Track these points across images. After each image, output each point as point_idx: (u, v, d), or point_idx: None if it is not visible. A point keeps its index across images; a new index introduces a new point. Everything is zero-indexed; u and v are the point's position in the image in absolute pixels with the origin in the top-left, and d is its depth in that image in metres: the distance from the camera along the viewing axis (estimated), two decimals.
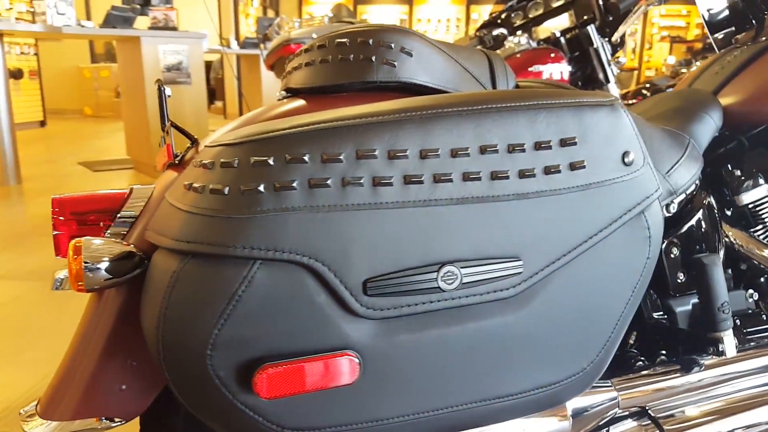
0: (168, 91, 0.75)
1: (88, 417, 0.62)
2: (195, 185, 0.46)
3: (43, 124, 7.67)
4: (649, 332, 0.81)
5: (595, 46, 2.51)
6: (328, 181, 0.45)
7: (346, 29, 0.75)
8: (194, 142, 0.72)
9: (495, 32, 2.80)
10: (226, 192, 0.44)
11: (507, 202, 0.49)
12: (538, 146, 0.50)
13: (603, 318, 0.55)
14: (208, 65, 11.79)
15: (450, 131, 0.48)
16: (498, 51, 2.75)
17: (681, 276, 0.79)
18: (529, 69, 2.44)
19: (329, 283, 0.46)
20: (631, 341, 0.83)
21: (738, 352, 0.75)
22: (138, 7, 4.05)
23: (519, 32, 2.75)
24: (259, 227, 0.44)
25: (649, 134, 0.77)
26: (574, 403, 0.64)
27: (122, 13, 3.91)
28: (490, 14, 2.83)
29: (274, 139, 0.45)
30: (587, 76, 2.54)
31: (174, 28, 4.20)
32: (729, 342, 0.73)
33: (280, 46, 3.32)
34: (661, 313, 0.81)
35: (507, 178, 0.49)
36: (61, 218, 0.64)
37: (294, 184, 0.44)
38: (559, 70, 2.46)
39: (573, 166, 0.51)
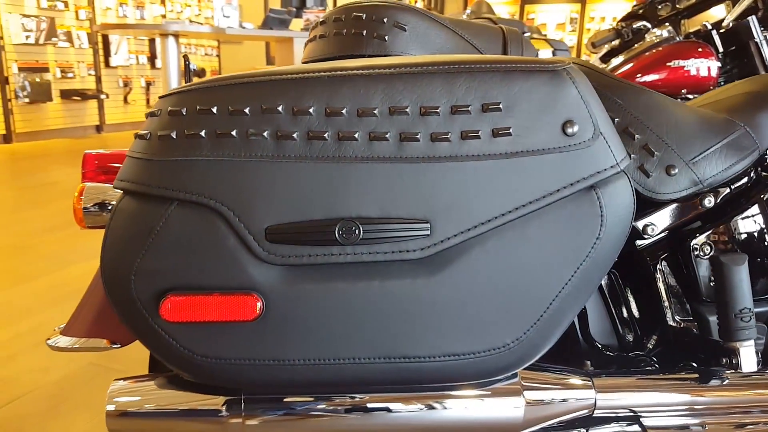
0: (193, 65, 0.84)
1: (96, 337, 0.72)
2: (139, 133, 0.52)
3: None
4: (672, 339, 0.72)
5: (756, 39, 2.22)
6: (233, 132, 0.48)
7: (347, 5, 0.78)
8: None
9: (636, 25, 2.59)
10: (148, 138, 0.50)
11: (417, 164, 0.49)
12: (455, 110, 0.48)
13: (532, 295, 0.51)
14: None
15: (357, 91, 0.48)
16: (636, 45, 2.54)
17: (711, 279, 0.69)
18: (669, 64, 2.22)
19: (234, 227, 0.49)
20: (650, 345, 0.74)
21: (759, 368, 0.63)
22: (294, 9, 4.39)
23: (665, 24, 2.52)
24: (173, 170, 0.49)
25: (674, 116, 0.70)
26: (534, 394, 0.59)
27: (279, 16, 4.26)
28: (633, 6, 2.62)
29: (190, 92, 0.50)
30: (746, 73, 2.25)
31: None
32: (747, 355, 0.62)
33: None
34: (688, 318, 0.71)
35: (417, 140, 0.48)
36: (89, 170, 0.74)
37: (202, 134, 0.48)
38: (705, 65, 2.21)
39: (495, 133, 0.49)
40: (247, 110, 0.48)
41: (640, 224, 0.69)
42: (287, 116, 0.48)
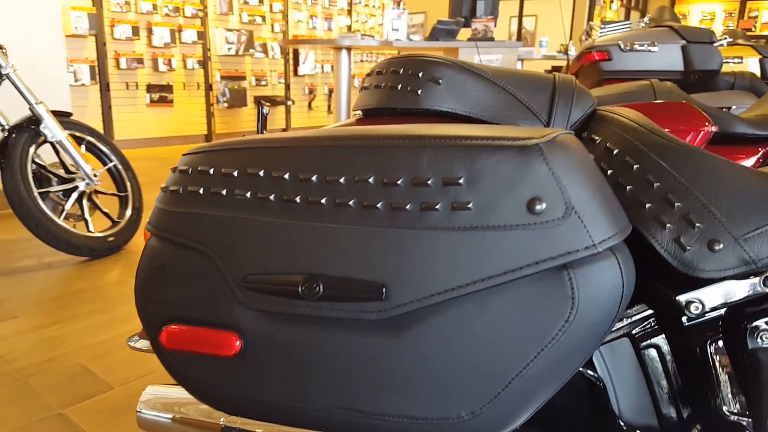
0: (266, 109, 0.90)
1: None
2: (162, 186, 0.62)
3: None
4: None
5: None
6: (223, 191, 0.55)
7: (391, 58, 0.82)
8: None
9: None
10: (165, 191, 0.59)
11: (377, 231, 0.51)
12: (416, 183, 0.49)
13: (489, 370, 0.50)
14: (558, 70, 11.85)
15: (325, 161, 0.52)
16: None
17: None
18: None
19: (222, 272, 0.56)
20: None
21: None
22: (462, 20, 4.36)
23: None
24: (178, 220, 0.58)
25: (729, 181, 0.62)
26: None
27: (446, 26, 4.27)
28: None
29: (197, 154, 0.58)
30: None
31: (491, 38, 4.38)
32: None
33: (582, 53, 3.14)
34: (742, 412, 0.58)
35: (378, 209, 0.50)
36: None
37: (200, 191, 0.56)
38: None
39: (454, 207, 0.49)
40: (234, 173, 0.55)
41: (682, 299, 0.63)
42: (266, 180, 0.54)
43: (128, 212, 2.65)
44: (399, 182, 0.50)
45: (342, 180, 0.51)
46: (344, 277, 0.51)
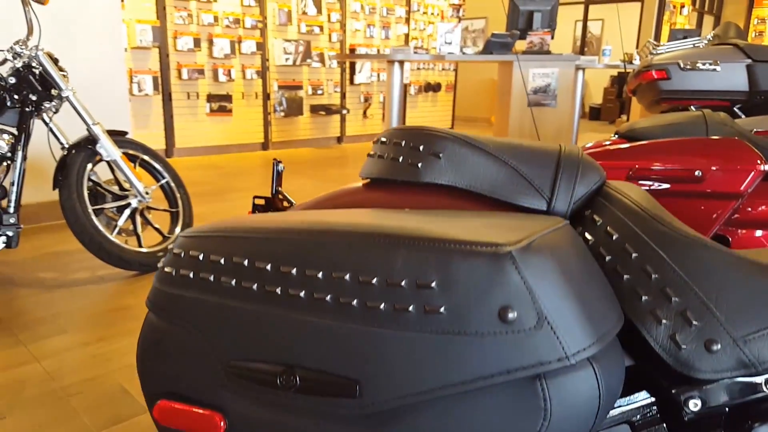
0: (281, 167, 0.90)
1: None
2: (158, 265, 0.66)
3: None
4: None
5: None
6: (210, 277, 0.58)
7: (396, 129, 0.82)
8: (291, 206, 0.95)
9: None
10: (159, 270, 0.63)
11: (351, 327, 0.51)
12: (389, 284, 0.50)
13: None
14: (624, 77, 11.46)
15: (302, 254, 0.54)
16: None
17: None
18: None
19: (209, 355, 0.58)
20: None
21: None
22: (517, 32, 4.26)
23: None
24: (171, 299, 0.61)
25: (733, 277, 0.59)
26: None
27: (501, 39, 4.18)
28: None
29: (189, 237, 0.62)
30: None
31: (547, 52, 4.26)
32: None
33: (640, 71, 3.00)
34: None
35: (353, 306, 0.51)
36: None
37: (190, 275, 0.59)
38: None
39: (426, 310, 0.49)
40: (221, 261, 0.57)
41: (681, 395, 0.61)
42: (249, 269, 0.55)
43: (178, 228, 2.72)
44: (374, 281, 0.50)
45: (320, 275, 0.52)
46: (320, 370, 0.52)
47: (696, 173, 1.53)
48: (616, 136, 2.04)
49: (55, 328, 2.06)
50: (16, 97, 2.29)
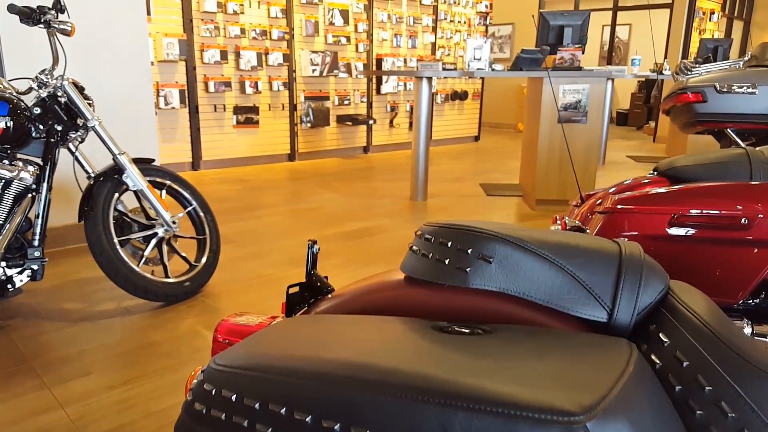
0: (316, 248, 0.89)
1: None
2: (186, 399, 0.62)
3: (476, 138, 8.72)
4: None
5: None
6: (245, 423, 0.54)
7: (441, 225, 0.77)
8: (326, 292, 0.89)
9: None
10: (186, 402, 0.59)
11: None
12: None
13: None
14: (652, 83, 11.18)
15: (346, 407, 0.49)
16: None
17: None
18: None
19: None
20: None
21: None
22: (548, 48, 4.12)
23: None
24: None
25: None
26: None
27: (531, 56, 4.05)
28: None
29: (220, 371, 0.57)
30: None
31: (578, 68, 4.12)
32: None
33: (675, 93, 2.85)
34: None
35: None
36: (218, 335, 0.93)
37: (222, 417, 0.55)
38: None
39: None
40: (255, 406, 0.53)
41: None
42: (287, 420, 0.51)
43: (205, 256, 2.67)
44: None
45: None
46: None
47: (742, 221, 1.46)
48: (655, 173, 1.94)
49: (79, 369, 2.01)
50: (41, 127, 2.26)
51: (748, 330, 1.63)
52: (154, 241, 2.50)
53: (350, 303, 0.81)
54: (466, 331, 0.65)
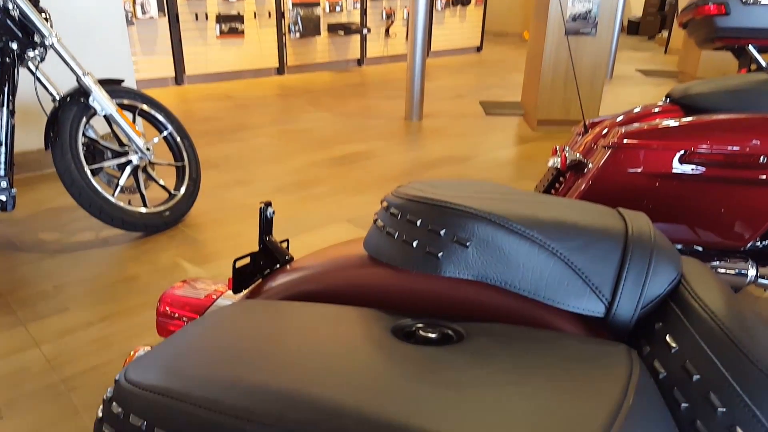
0: (270, 212, 0.78)
1: None
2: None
3: (479, 49, 8.31)
4: None
5: None
6: None
7: (409, 198, 0.64)
8: (283, 263, 0.78)
9: None
10: (96, 421, 0.50)
11: None
12: None
13: None
14: None
15: None
16: None
17: None
18: None
19: None
20: None
21: None
22: None
23: None
24: None
25: None
26: None
27: None
28: None
29: (129, 392, 0.48)
30: None
31: None
32: None
33: (693, 5, 2.61)
34: None
35: None
36: (165, 307, 0.86)
37: None
38: None
39: None
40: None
41: None
42: None
43: (185, 184, 2.54)
44: None
45: None
46: None
47: (761, 159, 1.33)
48: (668, 100, 1.78)
49: (56, 304, 1.94)
50: None
51: (752, 272, 1.54)
52: (128, 169, 2.36)
53: (309, 281, 0.70)
54: (433, 336, 0.55)
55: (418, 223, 0.61)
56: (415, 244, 0.61)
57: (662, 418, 0.46)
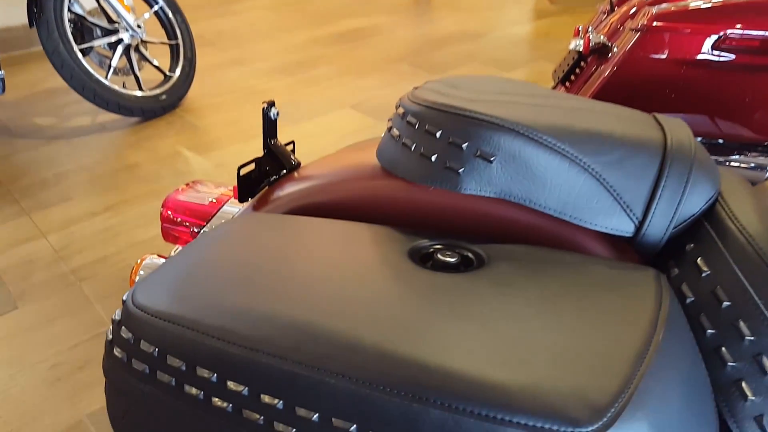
0: (274, 112, 0.72)
1: None
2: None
3: None
4: None
5: None
6: (172, 383, 0.44)
7: (428, 105, 0.58)
8: (290, 169, 0.73)
9: None
10: (106, 341, 0.50)
11: None
12: None
13: None
14: None
15: (292, 391, 0.40)
16: None
17: None
18: None
19: None
20: None
21: None
22: None
23: None
24: (122, 381, 0.48)
25: None
26: None
27: None
28: None
29: (139, 318, 0.46)
30: None
31: None
32: None
33: None
34: None
35: None
36: (167, 212, 0.84)
37: (145, 370, 0.46)
38: None
39: None
40: (182, 368, 0.44)
41: None
42: (220, 388, 0.43)
43: (180, 65, 2.41)
44: None
45: (315, 417, 0.40)
46: None
47: None
48: None
49: (59, 193, 1.92)
50: None
51: None
52: (120, 48, 2.23)
53: (319, 192, 0.65)
54: (452, 260, 0.51)
55: (438, 134, 0.56)
56: (433, 158, 0.56)
57: (690, 351, 0.44)
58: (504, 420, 0.34)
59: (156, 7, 2.33)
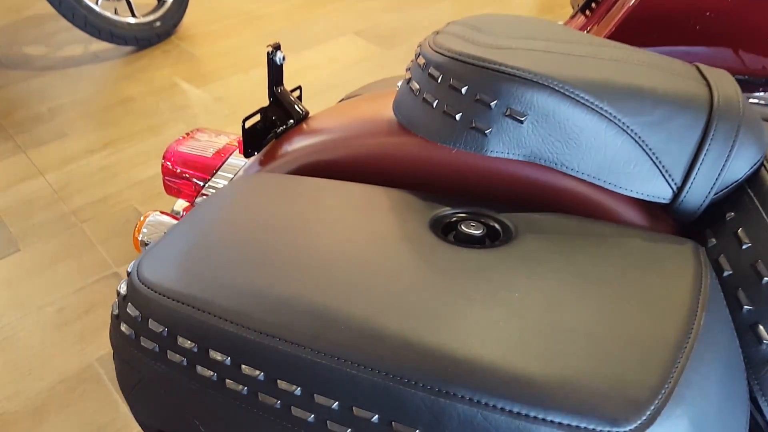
0: (280, 56, 0.66)
1: None
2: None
3: None
4: None
5: None
6: (184, 363, 0.43)
7: (453, 57, 0.52)
8: (298, 120, 0.69)
9: None
10: (111, 316, 0.48)
11: None
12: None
13: None
14: None
15: (308, 375, 0.39)
16: None
17: None
18: None
19: None
20: None
21: None
22: None
23: None
24: (131, 356, 0.47)
25: None
26: None
27: None
28: None
29: (146, 296, 0.44)
30: None
31: None
32: None
33: None
34: None
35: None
36: (168, 164, 0.80)
37: (155, 349, 0.44)
38: None
39: None
40: (193, 349, 0.42)
41: None
42: (233, 371, 0.41)
43: None
44: None
45: (335, 406, 0.38)
46: None
47: None
48: None
49: (54, 129, 1.86)
50: None
51: None
52: None
53: (330, 147, 0.61)
54: (476, 232, 0.48)
55: (464, 90, 0.50)
56: (458, 117, 0.51)
57: (729, 335, 0.42)
58: (537, 418, 0.32)
59: None
